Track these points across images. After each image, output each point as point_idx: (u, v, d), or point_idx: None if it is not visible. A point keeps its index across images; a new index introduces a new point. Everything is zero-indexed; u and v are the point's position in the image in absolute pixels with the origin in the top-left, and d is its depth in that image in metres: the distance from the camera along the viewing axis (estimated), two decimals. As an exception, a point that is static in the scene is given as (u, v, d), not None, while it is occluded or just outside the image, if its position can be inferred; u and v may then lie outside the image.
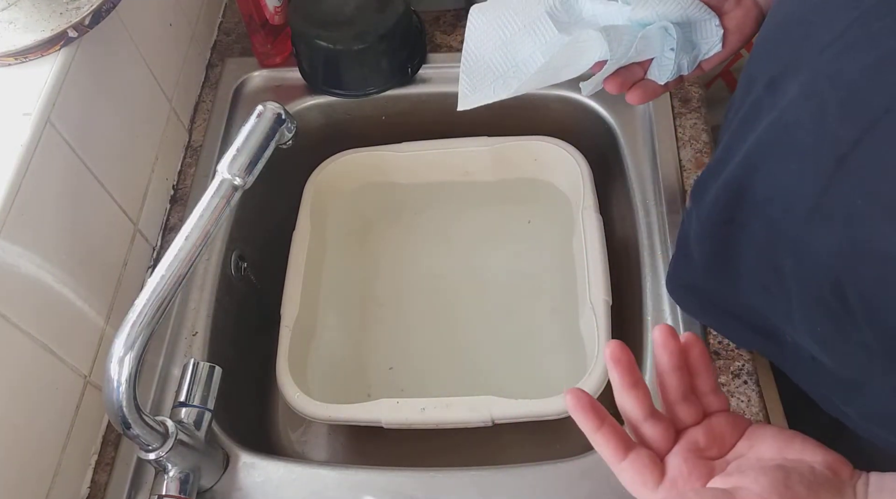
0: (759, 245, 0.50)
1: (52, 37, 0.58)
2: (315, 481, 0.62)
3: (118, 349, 0.49)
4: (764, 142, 0.46)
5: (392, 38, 0.79)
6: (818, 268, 0.43)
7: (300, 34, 0.80)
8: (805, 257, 0.45)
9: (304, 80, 0.86)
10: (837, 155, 0.39)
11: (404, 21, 0.79)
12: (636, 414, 0.40)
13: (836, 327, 0.45)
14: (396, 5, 0.79)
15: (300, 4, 0.80)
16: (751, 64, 0.51)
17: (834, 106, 0.39)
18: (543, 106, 0.86)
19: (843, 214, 0.40)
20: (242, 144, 0.55)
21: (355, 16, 0.78)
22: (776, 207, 0.46)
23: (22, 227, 0.54)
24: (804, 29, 0.43)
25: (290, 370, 0.69)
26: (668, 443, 0.41)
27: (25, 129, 0.55)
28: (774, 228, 0.47)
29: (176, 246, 0.52)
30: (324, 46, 0.78)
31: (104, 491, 0.63)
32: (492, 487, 0.60)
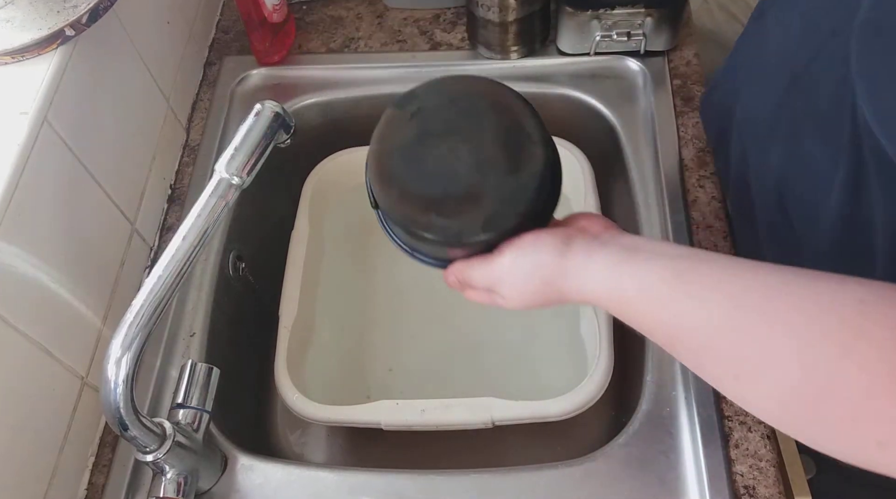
0: (737, 164, 0.55)
1: (49, 35, 0.57)
2: (314, 484, 0.61)
3: (115, 350, 0.49)
4: (745, 66, 0.52)
5: (534, 217, 0.47)
6: (771, 184, 0.48)
7: (392, 214, 0.48)
8: (761, 175, 0.49)
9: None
10: (791, 75, 0.44)
11: (550, 184, 0.47)
12: None
13: (779, 244, 0.51)
14: (533, 155, 0.46)
15: (381, 156, 0.48)
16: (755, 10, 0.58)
17: (796, 30, 0.44)
18: (545, 105, 0.85)
19: (788, 130, 0.44)
20: (240, 143, 0.54)
21: (476, 182, 0.45)
22: (746, 128, 0.52)
23: (18, 227, 0.53)
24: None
25: (289, 371, 0.69)
26: None
27: (22, 128, 0.55)
28: (744, 145, 0.53)
29: (173, 246, 0.51)
30: (431, 240, 0.47)
31: (102, 493, 0.62)
32: (492, 489, 0.60)
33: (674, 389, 0.63)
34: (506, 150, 0.46)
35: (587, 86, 0.83)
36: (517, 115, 0.47)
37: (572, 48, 0.83)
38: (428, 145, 0.46)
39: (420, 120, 0.47)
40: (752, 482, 0.58)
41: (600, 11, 0.78)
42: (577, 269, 0.44)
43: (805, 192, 0.45)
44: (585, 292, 0.44)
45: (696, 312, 0.38)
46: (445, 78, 0.49)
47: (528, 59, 0.85)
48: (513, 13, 0.79)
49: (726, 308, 0.37)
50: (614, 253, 0.43)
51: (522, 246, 0.46)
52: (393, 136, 0.48)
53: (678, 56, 0.84)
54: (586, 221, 0.48)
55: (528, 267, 0.46)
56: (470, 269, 0.49)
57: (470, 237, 0.46)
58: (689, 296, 0.39)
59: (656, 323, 0.41)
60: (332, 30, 0.91)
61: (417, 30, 0.90)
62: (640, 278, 0.41)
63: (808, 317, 0.34)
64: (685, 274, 0.39)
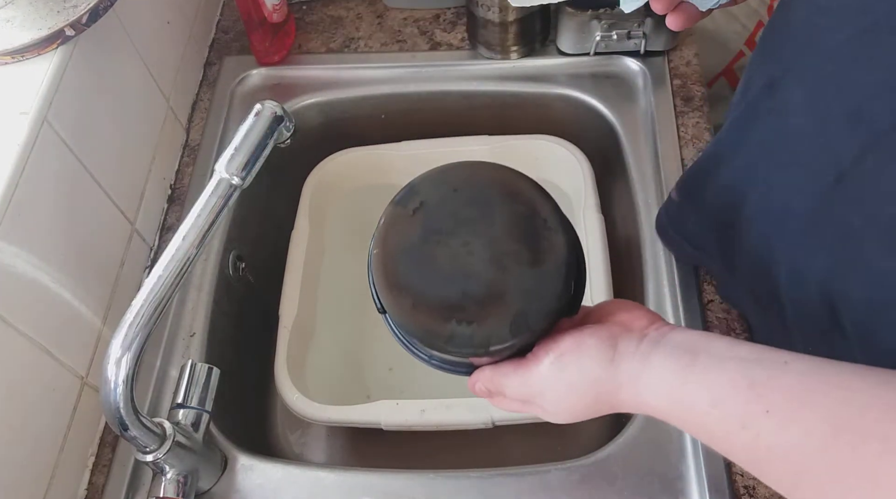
0: (756, 255, 0.48)
1: (49, 35, 0.57)
2: (314, 484, 0.61)
3: (115, 350, 0.49)
4: (764, 147, 0.45)
5: (566, 311, 0.42)
6: (811, 286, 0.42)
7: (406, 326, 0.42)
8: (799, 275, 0.43)
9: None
10: (837, 171, 0.38)
11: (575, 270, 0.43)
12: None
13: (828, 347, 0.44)
14: (555, 243, 0.42)
15: (387, 261, 0.42)
16: (752, 63, 0.49)
17: (838, 119, 0.37)
18: (545, 105, 0.85)
19: (838, 232, 0.38)
20: (240, 143, 0.54)
21: (497, 279, 0.41)
22: (772, 220, 0.45)
23: (18, 227, 0.53)
24: (808, 31, 0.42)
25: (289, 371, 0.69)
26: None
27: (22, 128, 0.55)
28: (770, 241, 0.45)
29: (173, 246, 0.51)
30: (463, 351, 0.41)
31: (101, 493, 0.62)
32: (492, 489, 0.60)
33: (674, 389, 0.63)
34: (524, 240, 0.41)
35: (587, 86, 0.83)
36: (529, 200, 0.43)
37: (572, 48, 0.83)
38: (437, 244, 0.42)
39: (424, 216, 0.43)
40: (752, 482, 0.58)
41: (600, 11, 0.78)
42: (632, 379, 0.39)
43: (866, 301, 0.39)
44: (643, 406, 0.39)
45: (783, 431, 0.33)
46: (444, 167, 0.45)
47: (528, 59, 0.85)
48: (513, 13, 0.79)
49: (821, 428, 0.32)
50: (671, 357, 0.38)
51: (563, 352, 0.41)
52: (397, 237, 0.43)
53: (678, 56, 0.84)
54: (627, 315, 0.43)
55: (573, 377, 0.41)
56: (503, 377, 0.43)
57: (498, 344, 0.40)
58: (770, 413, 0.34)
59: (734, 443, 0.36)
60: (332, 30, 0.91)
61: (417, 30, 0.90)
62: (708, 390, 0.36)
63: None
64: (760, 384, 0.34)
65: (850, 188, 0.37)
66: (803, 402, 0.33)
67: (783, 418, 0.33)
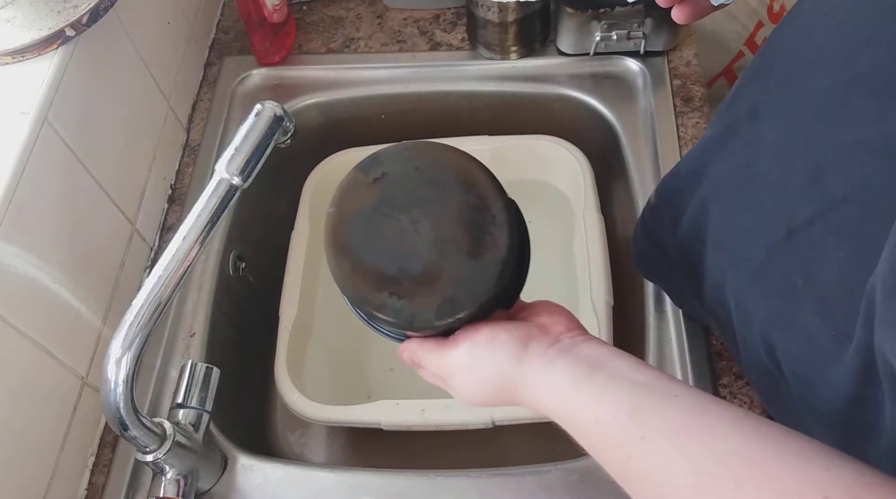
0: (715, 281, 0.49)
1: (49, 35, 0.57)
2: (314, 484, 0.61)
3: (115, 350, 0.49)
4: (733, 178, 0.45)
5: (495, 304, 0.44)
6: (754, 328, 0.42)
7: (343, 287, 0.45)
8: (745, 315, 0.44)
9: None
10: (788, 227, 0.38)
11: (514, 271, 0.45)
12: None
13: (772, 387, 0.45)
14: (497, 240, 0.43)
15: (337, 222, 0.45)
16: (747, 72, 0.49)
17: (800, 176, 0.37)
18: (544, 105, 0.85)
19: (781, 287, 0.39)
20: (241, 143, 0.54)
21: (435, 262, 0.43)
22: (727, 256, 0.45)
23: (19, 227, 0.53)
24: (796, 66, 0.41)
25: (289, 371, 0.69)
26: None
27: (23, 128, 0.55)
28: (724, 272, 0.46)
29: (174, 246, 0.51)
30: (384, 320, 0.44)
31: (102, 493, 0.62)
32: (492, 489, 0.60)
33: (674, 389, 0.63)
34: (469, 231, 0.43)
35: (587, 86, 0.83)
36: (484, 194, 0.44)
37: (572, 48, 0.84)
38: (388, 216, 0.44)
39: (382, 187, 0.45)
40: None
41: (600, 12, 0.78)
42: (533, 381, 0.42)
43: (800, 356, 0.40)
44: (540, 406, 0.42)
45: (650, 460, 0.36)
46: (413, 144, 0.47)
47: (528, 60, 0.85)
48: (513, 13, 0.79)
49: (684, 467, 0.34)
50: (572, 367, 0.40)
51: (478, 341, 0.43)
52: (352, 202, 0.45)
53: (678, 56, 0.84)
54: (548, 317, 0.45)
55: (482, 368, 0.43)
56: (425, 352, 0.46)
57: (422, 323, 0.43)
58: (644, 440, 0.36)
59: (608, 459, 0.39)
60: (332, 30, 0.91)
61: (417, 30, 0.90)
62: (595, 407, 0.39)
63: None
64: (642, 412, 0.37)
65: (798, 248, 0.37)
66: (676, 438, 0.35)
67: (654, 449, 0.36)
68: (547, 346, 0.42)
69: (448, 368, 0.45)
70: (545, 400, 0.41)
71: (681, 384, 0.39)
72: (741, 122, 0.45)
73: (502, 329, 0.43)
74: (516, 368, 0.42)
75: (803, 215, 0.37)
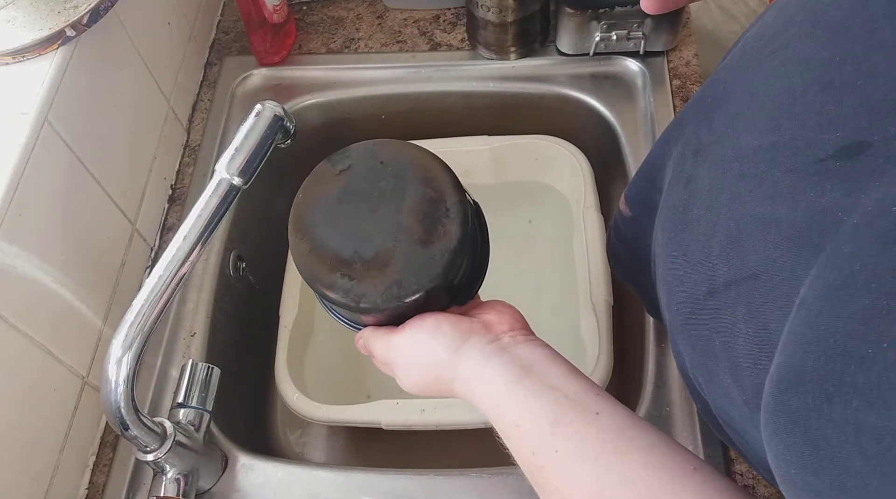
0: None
1: (49, 36, 0.57)
2: (314, 483, 0.62)
3: (116, 350, 0.49)
4: (671, 216, 0.44)
5: (442, 294, 0.46)
6: (687, 365, 0.43)
7: (300, 267, 0.46)
8: (678, 353, 0.44)
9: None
10: (710, 286, 0.38)
11: (464, 264, 0.47)
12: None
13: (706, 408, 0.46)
14: (448, 231, 0.45)
15: (300, 207, 0.48)
16: (692, 105, 0.47)
17: (723, 236, 0.37)
18: (544, 105, 0.85)
19: (702, 342, 0.39)
20: (241, 143, 0.54)
21: (387, 248, 0.45)
22: (664, 294, 0.45)
23: (19, 227, 0.53)
24: (734, 112, 0.40)
25: (289, 371, 0.69)
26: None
27: (23, 128, 0.55)
28: (665, 308, 0.45)
29: (174, 246, 0.51)
30: (338, 301, 0.45)
31: (102, 492, 0.62)
32: (492, 489, 0.60)
33: (673, 389, 0.63)
34: (423, 220, 0.45)
35: (587, 86, 0.83)
36: (442, 189, 0.47)
37: (572, 49, 0.84)
38: (348, 204, 0.47)
39: (347, 178, 0.48)
40: (751, 482, 0.58)
41: (600, 12, 0.79)
42: (466, 374, 0.43)
43: (722, 407, 0.40)
44: (471, 399, 0.44)
45: (560, 474, 0.38)
46: (382, 141, 0.49)
47: (528, 60, 0.85)
48: (512, 14, 0.79)
49: (589, 489, 0.36)
50: (505, 367, 0.42)
51: (422, 329, 0.45)
52: (317, 190, 0.48)
53: (678, 56, 0.84)
54: (495, 315, 0.46)
55: (422, 355, 0.45)
56: (374, 339, 0.48)
57: (369, 303, 0.44)
58: (558, 453, 0.38)
59: (522, 462, 0.40)
60: (333, 30, 0.91)
61: (417, 30, 0.90)
62: (518, 412, 0.40)
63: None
64: (561, 426, 0.38)
65: (716, 309, 0.38)
66: (586, 457, 0.37)
67: (566, 464, 0.37)
68: (486, 342, 0.44)
69: (393, 353, 0.47)
70: (477, 394, 0.43)
71: (606, 401, 0.40)
72: (687, 156, 0.44)
73: (446, 321, 0.45)
74: (454, 359, 0.44)
75: (722, 278, 0.37)
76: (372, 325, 0.49)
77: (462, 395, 0.44)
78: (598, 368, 0.65)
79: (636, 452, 0.37)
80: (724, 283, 0.37)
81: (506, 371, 0.42)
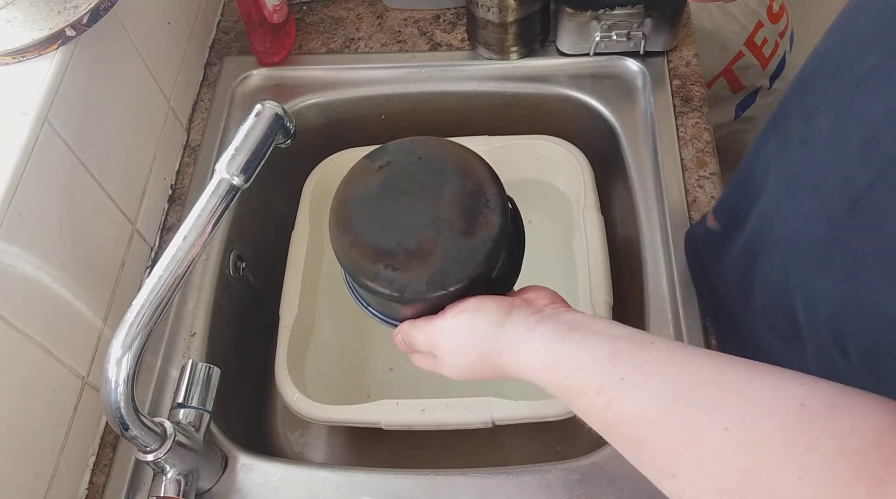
0: (775, 287, 0.48)
1: (49, 35, 0.57)
2: (314, 483, 0.62)
3: (116, 350, 0.49)
4: (793, 177, 0.45)
5: (484, 283, 0.46)
6: (824, 319, 0.42)
7: (342, 259, 0.48)
8: (813, 308, 0.44)
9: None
10: (851, 198, 0.38)
11: (505, 252, 0.48)
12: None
13: (842, 380, 0.45)
14: (490, 221, 0.46)
15: (342, 201, 0.49)
16: (791, 91, 0.49)
17: (855, 145, 0.38)
18: (544, 105, 0.85)
19: (847, 264, 0.39)
20: (241, 143, 0.54)
21: (429, 238, 0.46)
22: (790, 249, 0.45)
23: (19, 227, 0.53)
24: (840, 59, 0.42)
25: (289, 371, 0.69)
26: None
27: (23, 128, 0.55)
28: (788, 270, 0.46)
29: (174, 246, 0.51)
30: (383, 292, 0.46)
31: (102, 493, 0.62)
32: (492, 489, 0.60)
33: (673, 388, 0.63)
34: (463, 212, 0.46)
35: (587, 86, 0.83)
36: (481, 182, 0.47)
37: (572, 49, 0.84)
38: (388, 199, 0.48)
39: (387, 173, 0.49)
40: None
41: (600, 12, 0.79)
42: (515, 342, 0.43)
43: (873, 340, 0.39)
44: (522, 368, 0.43)
45: (630, 399, 0.37)
46: (419, 138, 0.50)
47: (528, 60, 0.85)
48: (512, 14, 0.79)
49: (662, 399, 0.35)
50: (552, 329, 0.42)
51: (464, 309, 0.45)
52: (357, 185, 0.49)
53: (678, 56, 0.84)
54: (533, 293, 0.47)
55: (468, 333, 0.45)
56: (415, 329, 0.48)
57: (414, 293, 0.45)
58: (623, 381, 0.37)
59: (590, 407, 0.39)
60: (333, 30, 0.91)
61: (417, 30, 0.90)
62: (574, 357, 0.40)
63: (748, 417, 0.32)
64: (620, 356, 0.38)
65: (863, 217, 0.38)
66: (653, 373, 0.37)
67: (633, 386, 0.37)
68: (530, 314, 0.44)
69: (436, 338, 0.46)
70: (526, 359, 0.43)
71: (657, 336, 0.40)
72: (795, 129, 0.45)
73: (489, 299, 0.45)
74: (498, 331, 0.44)
75: (864, 182, 0.37)
76: (410, 317, 0.49)
77: (511, 367, 0.44)
78: (599, 368, 0.65)
79: (702, 359, 0.36)
80: (867, 186, 0.37)
81: (553, 332, 0.42)
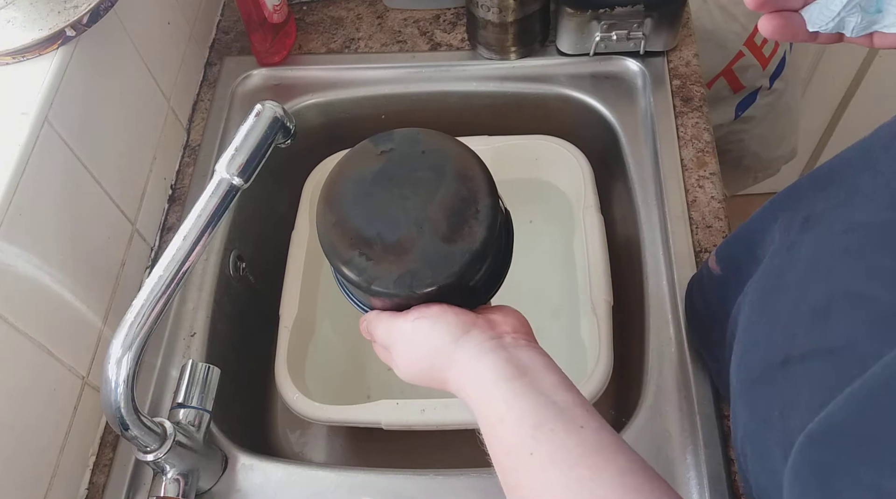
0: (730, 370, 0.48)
1: (49, 35, 0.57)
2: (314, 483, 0.62)
3: (116, 350, 0.49)
4: (766, 278, 0.44)
5: (456, 293, 0.45)
6: (739, 433, 0.43)
7: (322, 237, 0.47)
8: (735, 417, 0.44)
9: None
10: (785, 355, 0.38)
11: (484, 267, 0.46)
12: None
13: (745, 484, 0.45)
14: (474, 232, 0.45)
15: (335, 179, 0.49)
16: (813, 175, 0.47)
17: (808, 307, 0.37)
18: (544, 105, 0.85)
19: (761, 408, 0.39)
20: (241, 143, 0.54)
21: (410, 236, 0.45)
22: (739, 353, 0.45)
23: (20, 227, 0.53)
24: (853, 188, 0.40)
25: (289, 371, 0.69)
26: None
27: (23, 128, 0.55)
28: (732, 371, 0.45)
29: (174, 246, 0.51)
30: (352, 279, 0.45)
31: (102, 493, 0.62)
32: (492, 489, 0.60)
33: (673, 389, 0.63)
34: (450, 217, 0.45)
35: (587, 86, 0.83)
36: (476, 190, 0.46)
37: (572, 49, 0.84)
38: (383, 186, 0.47)
39: (387, 160, 0.48)
40: None
41: (600, 12, 0.79)
42: (463, 364, 0.43)
43: (764, 484, 0.40)
44: (460, 388, 0.43)
45: (534, 478, 0.37)
46: (428, 131, 0.49)
47: (528, 60, 0.85)
48: (512, 14, 0.79)
49: (559, 495, 0.36)
50: (502, 364, 0.41)
51: (425, 316, 0.44)
52: (355, 166, 0.48)
53: (678, 56, 0.84)
54: (500, 316, 0.46)
55: (422, 341, 0.44)
56: (378, 321, 0.47)
57: (380, 287, 0.44)
58: (533, 457, 0.38)
59: (500, 463, 0.40)
60: (333, 30, 0.91)
61: (417, 30, 0.90)
62: (505, 407, 0.40)
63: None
64: (543, 431, 0.38)
65: (785, 378, 0.37)
66: (561, 466, 0.37)
67: (538, 468, 0.37)
68: (487, 338, 0.43)
69: (393, 336, 0.46)
70: (467, 385, 0.43)
71: (594, 418, 0.39)
72: (796, 222, 0.44)
73: (451, 311, 0.45)
74: (452, 346, 0.43)
75: (800, 348, 0.37)
76: (378, 308, 0.49)
77: (453, 386, 0.44)
78: (598, 368, 0.65)
79: (611, 473, 0.36)
80: (800, 353, 0.36)
81: (501, 368, 0.41)
